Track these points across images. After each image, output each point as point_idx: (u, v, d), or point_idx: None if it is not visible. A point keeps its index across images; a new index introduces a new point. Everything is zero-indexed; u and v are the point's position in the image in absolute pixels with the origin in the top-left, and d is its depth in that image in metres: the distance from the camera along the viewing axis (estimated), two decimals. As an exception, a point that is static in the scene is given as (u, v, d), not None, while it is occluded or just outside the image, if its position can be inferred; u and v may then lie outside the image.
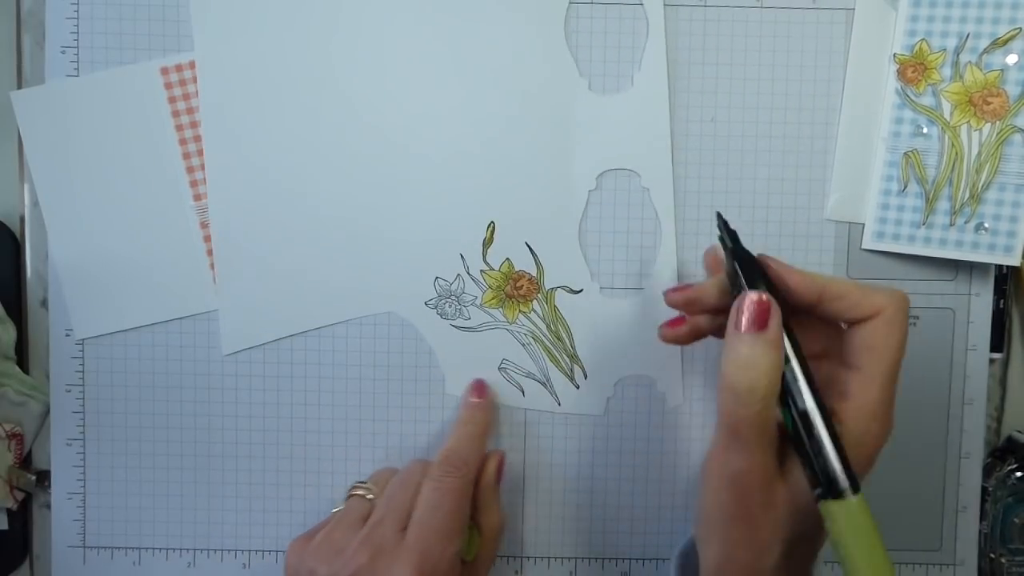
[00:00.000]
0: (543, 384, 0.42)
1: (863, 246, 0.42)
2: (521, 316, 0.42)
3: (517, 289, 0.42)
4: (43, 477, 0.43)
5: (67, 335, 0.43)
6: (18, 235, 0.43)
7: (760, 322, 0.30)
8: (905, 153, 0.41)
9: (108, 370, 0.43)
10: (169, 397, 0.43)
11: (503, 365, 0.42)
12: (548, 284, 0.42)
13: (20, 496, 0.43)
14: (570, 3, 0.41)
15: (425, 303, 0.42)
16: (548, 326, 0.42)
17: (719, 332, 0.34)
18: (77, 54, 0.42)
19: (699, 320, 0.35)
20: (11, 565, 0.43)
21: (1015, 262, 0.40)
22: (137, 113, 0.42)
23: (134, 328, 0.43)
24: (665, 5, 0.42)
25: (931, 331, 0.43)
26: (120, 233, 0.42)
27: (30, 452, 0.44)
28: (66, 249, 0.42)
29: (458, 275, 0.42)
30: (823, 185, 0.42)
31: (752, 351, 0.30)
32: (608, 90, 0.42)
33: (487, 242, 0.41)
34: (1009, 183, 0.40)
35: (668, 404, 0.42)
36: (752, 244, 0.42)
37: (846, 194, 0.42)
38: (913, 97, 0.41)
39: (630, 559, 0.44)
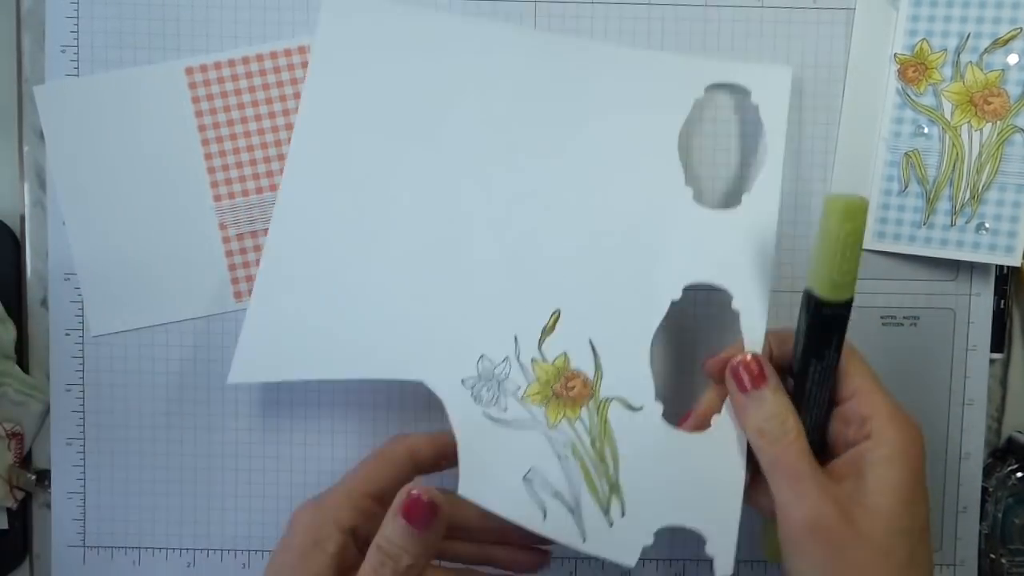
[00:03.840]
0: (571, 511, 0.35)
1: (863, 246, 0.42)
2: (565, 422, 0.36)
3: (568, 389, 0.36)
4: (43, 477, 0.43)
5: (67, 335, 0.43)
6: (18, 235, 0.43)
7: (759, 377, 0.34)
8: (906, 153, 0.41)
9: (108, 370, 0.43)
10: (169, 397, 0.43)
11: (529, 476, 0.36)
12: (604, 392, 0.36)
13: (20, 496, 0.43)
14: (694, 103, 0.39)
15: (462, 381, 0.37)
16: (593, 441, 0.36)
17: None
18: (77, 54, 0.42)
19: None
20: (11, 565, 0.43)
21: (1015, 262, 0.40)
22: (160, 112, 0.42)
23: (138, 328, 0.43)
24: (665, 5, 0.42)
25: (931, 331, 0.43)
26: (139, 232, 0.42)
27: (30, 452, 0.44)
28: (84, 246, 0.42)
29: (506, 358, 0.37)
30: (823, 185, 0.42)
31: (765, 403, 0.33)
32: (715, 204, 0.40)
33: (547, 330, 0.37)
34: (1010, 183, 0.40)
35: (716, 570, 0.35)
36: (752, 244, 0.42)
37: (846, 194, 0.42)
38: (914, 97, 0.41)
39: (630, 559, 0.43)
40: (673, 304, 0.37)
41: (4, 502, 0.42)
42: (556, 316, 0.37)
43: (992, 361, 0.43)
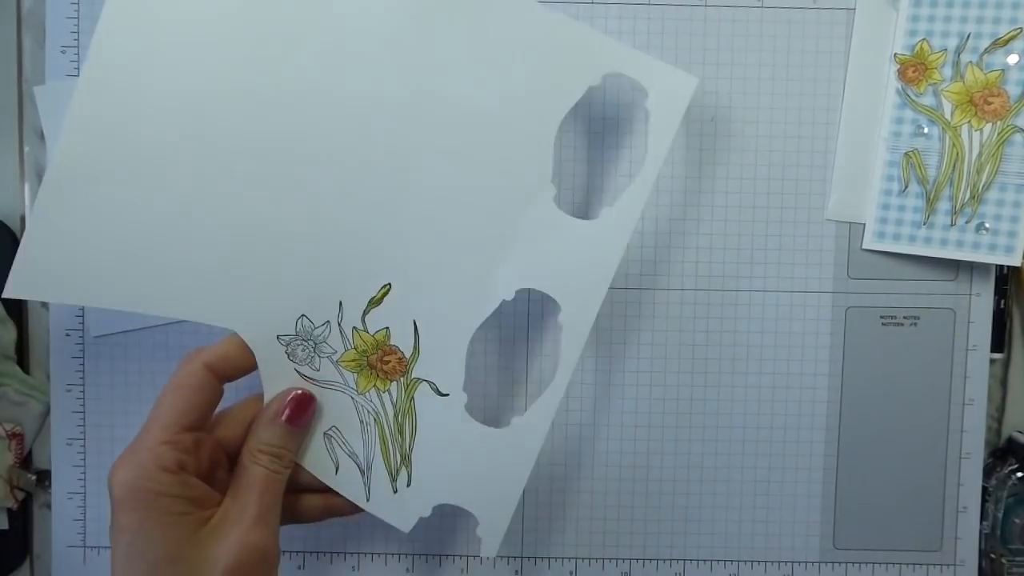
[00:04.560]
0: (361, 472, 0.37)
1: (863, 246, 0.42)
2: (374, 391, 0.37)
3: (383, 362, 0.36)
4: (43, 477, 0.43)
5: (67, 335, 0.43)
6: (18, 235, 0.43)
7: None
8: (906, 153, 0.41)
9: (108, 370, 0.43)
10: (169, 397, 0.43)
11: (330, 432, 0.37)
12: (416, 373, 0.37)
13: (20, 496, 0.43)
14: (589, 90, 0.36)
15: (278, 336, 0.36)
16: (396, 414, 0.37)
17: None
18: (77, 54, 0.42)
19: None
20: (11, 565, 0.43)
21: (1016, 262, 0.40)
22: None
23: (138, 328, 0.43)
24: (665, 5, 0.42)
25: (931, 331, 0.43)
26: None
27: (30, 452, 0.44)
28: None
29: (327, 322, 0.36)
30: (823, 185, 0.42)
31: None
32: (572, 209, 0.39)
33: (374, 301, 0.36)
34: (1010, 183, 0.40)
35: (482, 550, 0.37)
36: (752, 244, 0.42)
37: (846, 194, 0.42)
38: (914, 97, 0.41)
39: (630, 559, 0.44)
40: (504, 303, 0.37)
41: (4, 502, 0.42)
42: (386, 290, 0.36)
43: (992, 361, 0.43)
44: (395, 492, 0.37)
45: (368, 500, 0.37)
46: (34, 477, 0.43)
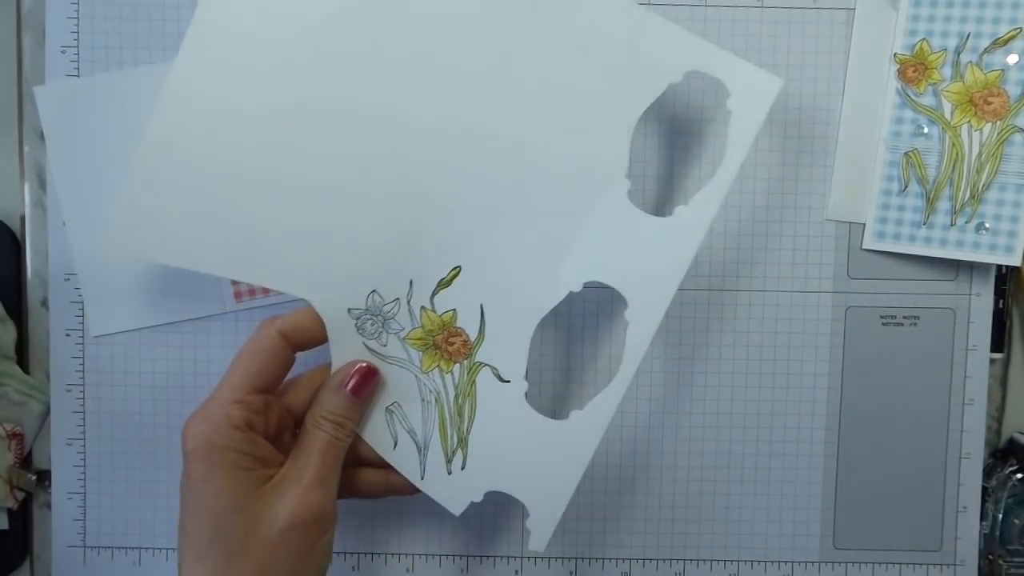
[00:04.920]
0: (418, 449, 0.37)
1: (863, 246, 0.42)
2: (437, 371, 0.37)
3: (448, 343, 0.37)
4: (43, 477, 0.43)
5: (67, 335, 0.43)
6: (18, 235, 0.43)
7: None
8: (905, 153, 0.41)
9: (108, 370, 0.43)
10: (169, 397, 0.43)
11: (392, 407, 0.37)
12: (480, 357, 0.37)
13: (20, 496, 0.43)
14: (670, 86, 0.35)
15: (348, 310, 0.36)
16: (457, 396, 0.37)
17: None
18: (77, 54, 0.42)
19: None
20: (11, 565, 0.43)
21: (1015, 262, 0.40)
22: None
23: (138, 328, 0.43)
24: (665, 5, 0.42)
25: (931, 331, 0.43)
26: None
27: (30, 452, 0.44)
28: (84, 246, 0.42)
29: (397, 299, 0.37)
30: (823, 185, 0.42)
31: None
32: (645, 205, 0.38)
33: (444, 283, 0.37)
34: (1010, 183, 0.40)
35: (531, 543, 0.36)
36: (752, 244, 0.42)
37: (846, 194, 0.42)
38: (914, 97, 0.41)
39: (630, 559, 0.44)
40: (571, 294, 0.36)
41: (4, 502, 0.42)
42: (456, 272, 0.37)
43: (992, 361, 0.43)
44: (449, 474, 0.37)
45: (423, 479, 0.37)
46: (34, 477, 0.43)
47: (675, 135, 0.42)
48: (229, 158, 0.36)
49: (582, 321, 0.43)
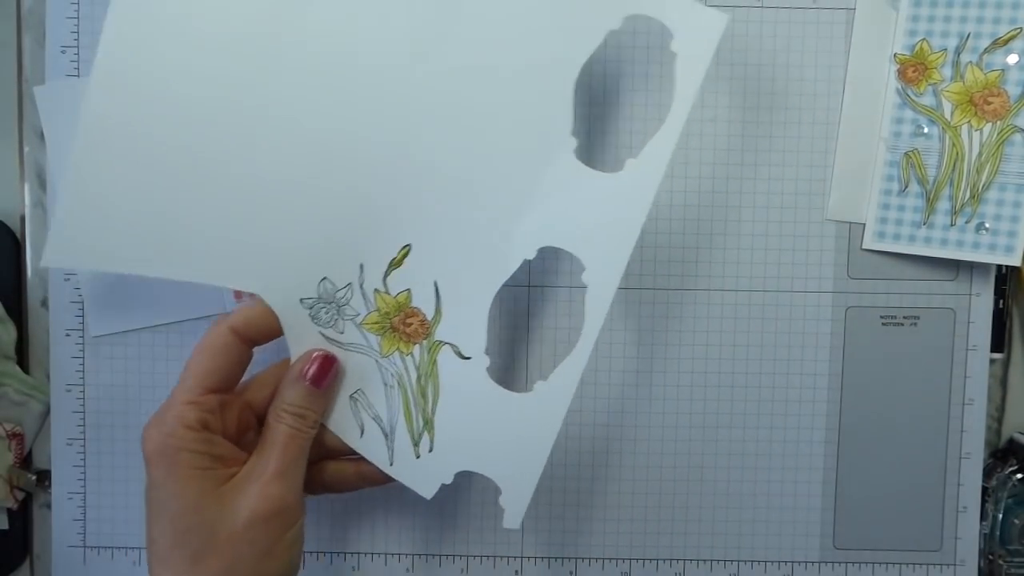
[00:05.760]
0: (385, 435, 0.36)
1: (863, 246, 0.42)
2: (397, 354, 0.36)
3: (406, 325, 0.36)
4: (43, 477, 0.43)
5: (67, 335, 0.43)
6: (18, 235, 0.43)
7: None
8: (906, 153, 0.41)
9: (108, 370, 0.43)
10: (169, 397, 0.43)
11: (355, 395, 0.36)
12: (439, 335, 0.36)
13: (20, 496, 0.43)
14: (609, 34, 0.34)
15: (301, 300, 0.36)
16: (419, 378, 0.36)
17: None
18: (77, 54, 0.42)
19: None
20: (11, 565, 0.43)
21: (1015, 262, 0.40)
22: None
23: (138, 328, 0.43)
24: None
25: (931, 331, 0.43)
26: None
27: (30, 452, 0.44)
28: None
29: (349, 284, 0.36)
30: (823, 185, 0.42)
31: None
32: (595, 162, 0.36)
33: (395, 263, 0.36)
34: (1010, 183, 0.40)
35: (505, 521, 0.36)
36: (752, 244, 0.42)
37: (846, 194, 0.42)
38: (914, 97, 0.41)
39: (630, 559, 0.44)
40: (526, 262, 0.35)
41: (4, 502, 0.42)
42: (406, 251, 0.36)
43: (992, 361, 0.43)
44: (418, 457, 0.36)
45: (392, 464, 0.36)
46: (34, 477, 0.43)
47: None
48: (164, 158, 0.35)
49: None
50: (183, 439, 0.32)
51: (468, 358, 0.36)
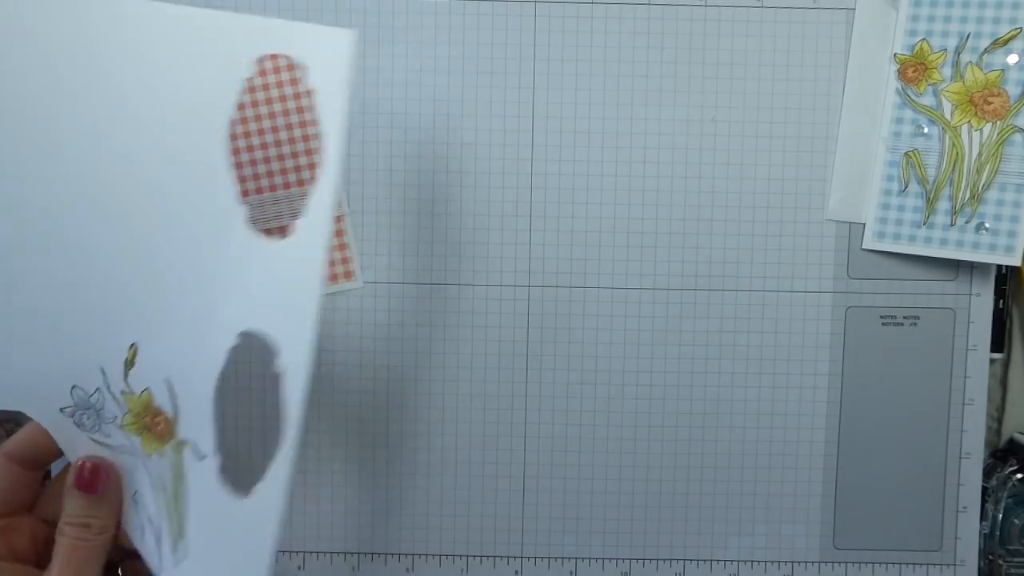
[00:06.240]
0: (157, 539, 0.34)
1: (863, 246, 0.42)
2: (156, 455, 0.34)
3: (155, 424, 0.34)
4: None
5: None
6: None
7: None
8: (906, 153, 0.41)
9: None
10: (169, 397, 0.43)
11: (135, 497, 0.35)
12: (181, 434, 0.33)
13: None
14: (246, 83, 0.31)
15: (61, 410, 0.35)
16: (174, 479, 0.34)
17: None
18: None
19: None
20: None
21: (1016, 262, 0.40)
22: None
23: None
24: (665, 5, 0.42)
25: (931, 331, 0.43)
26: None
27: (30, 452, 0.44)
28: None
29: (98, 388, 0.34)
30: (823, 185, 0.42)
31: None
32: (271, 229, 0.33)
33: (128, 363, 0.34)
34: (1010, 183, 0.40)
35: None
36: (752, 244, 0.42)
37: (846, 194, 0.42)
38: (914, 97, 0.41)
39: (630, 559, 0.44)
40: (235, 350, 0.31)
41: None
42: (134, 350, 0.34)
43: (992, 361, 0.43)
44: (176, 565, 0.34)
45: (162, 572, 0.34)
46: (34, 477, 0.43)
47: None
48: None
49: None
50: None
51: (205, 456, 0.33)
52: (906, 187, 0.41)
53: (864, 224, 0.42)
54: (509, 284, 0.43)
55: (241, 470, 0.33)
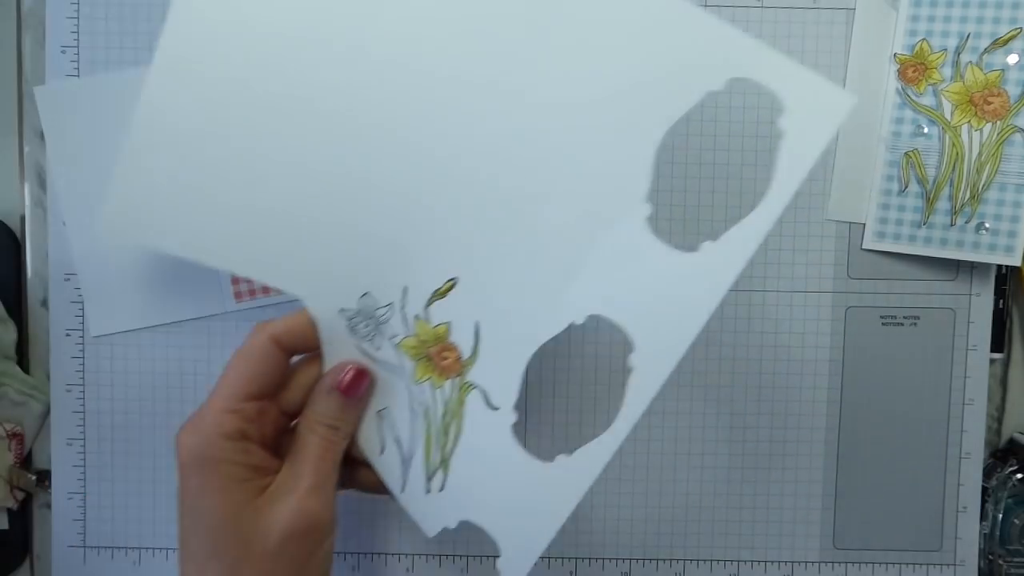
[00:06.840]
0: (402, 461, 0.35)
1: (863, 246, 0.42)
2: (428, 383, 0.35)
3: (441, 358, 0.34)
4: (43, 477, 0.43)
5: (67, 335, 0.43)
6: (18, 235, 0.43)
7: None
8: (905, 153, 0.41)
9: (108, 370, 0.43)
10: (169, 397, 0.43)
11: (382, 413, 0.35)
12: (470, 377, 0.34)
13: (20, 496, 0.43)
14: (708, 95, 0.30)
15: (340, 310, 0.35)
16: (444, 414, 0.35)
17: None
18: (77, 54, 0.42)
19: None
20: (11, 565, 0.43)
21: (1015, 262, 0.40)
22: None
23: (138, 328, 0.43)
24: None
25: (931, 331, 0.43)
26: None
27: (30, 452, 0.44)
28: (84, 246, 0.42)
29: (391, 304, 0.34)
30: (823, 185, 0.42)
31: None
32: (668, 235, 0.31)
33: (439, 294, 0.34)
34: (1009, 183, 0.40)
35: None
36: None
37: (846, 194, 0.42)
38: (914, 97, 0.41)
39: (630, 559, 0.44)
40: (572, 326, 0.32)
41: (4, 502, 0.42)
42: (451, 284, 0.34)
43: (992, 361, 0.43)
44: (427, 492, 0.35)
45: (402, 491, 0.35)
46: (34, 477, 0.43)
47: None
48: (222, 149, 0.34)
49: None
50: (221, 449, 0.32)
51: (496, 408, 0.34)
52: (906, 187, 0.41)
53: (864, 224, 0.42)
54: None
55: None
